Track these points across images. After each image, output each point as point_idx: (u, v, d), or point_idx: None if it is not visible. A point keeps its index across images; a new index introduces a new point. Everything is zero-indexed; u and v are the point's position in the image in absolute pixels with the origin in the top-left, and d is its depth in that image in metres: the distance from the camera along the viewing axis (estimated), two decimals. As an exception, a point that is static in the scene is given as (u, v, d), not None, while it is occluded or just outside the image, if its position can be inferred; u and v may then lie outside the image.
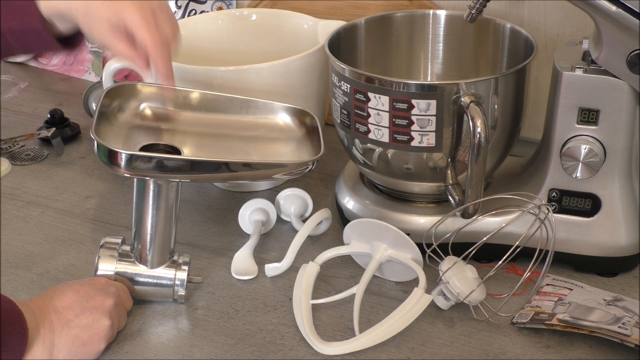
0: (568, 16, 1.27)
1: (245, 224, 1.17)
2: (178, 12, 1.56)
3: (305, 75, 1.21)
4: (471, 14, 1.07)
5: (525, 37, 1.12)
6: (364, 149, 1.08)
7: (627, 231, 1.05)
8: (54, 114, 1.44)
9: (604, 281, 1.06)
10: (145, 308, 1.04)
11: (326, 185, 1.28)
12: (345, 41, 1.17)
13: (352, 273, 1.09)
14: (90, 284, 0.98)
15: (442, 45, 1.23)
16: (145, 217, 1.00)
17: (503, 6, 1.30)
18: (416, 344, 0.97)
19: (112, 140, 1.02)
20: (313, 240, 1.16)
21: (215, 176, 1.07)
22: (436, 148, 1.03)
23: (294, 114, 1.12)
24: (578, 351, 0.95)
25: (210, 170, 0.98)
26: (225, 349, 0.97)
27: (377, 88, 1.02)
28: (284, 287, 1.07)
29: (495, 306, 1.00)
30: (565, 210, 1.06)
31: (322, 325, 1.00)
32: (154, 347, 0.98)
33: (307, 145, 1.10)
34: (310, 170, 1.04)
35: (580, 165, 1.03)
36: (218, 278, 1.09)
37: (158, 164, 0.95)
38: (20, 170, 1.36)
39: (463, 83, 1.00)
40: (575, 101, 1.01)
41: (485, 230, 1.04)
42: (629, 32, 0.95)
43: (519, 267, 1.07)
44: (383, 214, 1.10)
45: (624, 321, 0.94)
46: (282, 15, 1.37)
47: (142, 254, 1.02)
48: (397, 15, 1.22)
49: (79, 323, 0.93)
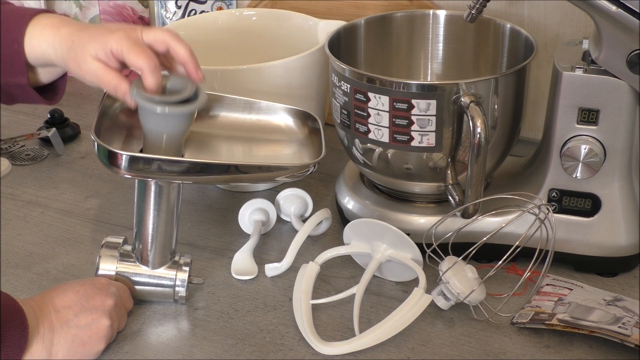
0: (568, 16, 1.27)
1: (245, 224, 1.17)
2: (178, 12, 1.56)
3: (305, 75, 1.21)
4: (471, 14, 1.07)
5: (525, 37, 1.12)
6: (364, 149, 1.08)
7: (627, 231, 1.05)
8: (54, 114, 1.44)
9: (604, 281, 1.06)
10: (145, 308, 1.04)
11: (326, 185, 1.28)
12: (345, 41, 1.17)
13: (352, 273, 1.09)
14: (90, 283, 0.98)
15: (442, 45, 1.23)
16: (146, 218, 1.00)
17: (503, 6, 1.30)
18: (416, 344, 0.97)
19: (112, 140, 1.02)
20: (313, 240, 1.16)
21: (215, 178, 1.07)
22: (436, 148, 1.04)
23: (297, 115, 1.12)
24: (578, 351, 0.95)
25: (211, 172, 0.98)
26: (225, 349, 0.97)
27: (377, 88, 1.02)
28: (284, 287, 1.07)
29: (495, 306, 1.00)
30: (565, 210, 1.06)
31: (322, 325, 1.00)
32: (154, 347, 0.98)
33: (308, 147, 1.10)
34: (312, 172, 1.04)
35: (580, 165, 1.03)
36: (218, 278, 1.09)
37: (158, 166, 0.95)
38: (20, 170, 1.36)
39: (463, 83, 1.00)
40: (575, 101, 1.01)
41: (485, 230, 1.04)
42: (629, 32, 0.95)
43: (519, 267, 1.07)
44: (383, 214, 1.10)
45: (624, 321, 0.94)
46: (282, 15, 1.37)
47: (143, 255, 1.02)
48: (397, 15, 1.22)
49: (78, 323, 0.93)
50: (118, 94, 0.95)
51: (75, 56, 0.95)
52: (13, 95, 1.02)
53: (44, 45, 0.97)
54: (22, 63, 0.97)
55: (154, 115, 0.94)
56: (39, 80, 1.02)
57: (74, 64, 0.96)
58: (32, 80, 1.00)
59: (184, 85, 0.96)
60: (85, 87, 1.65)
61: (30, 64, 0.99)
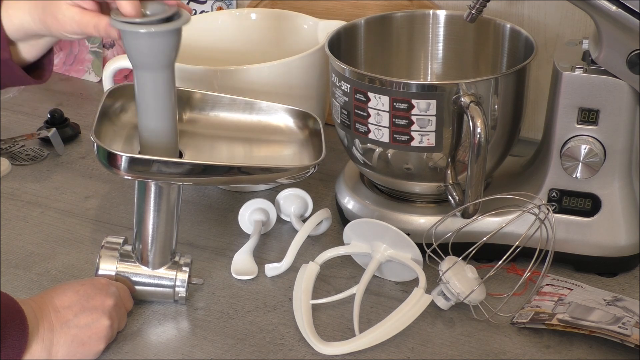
0: (568, 16, 1.27)
1: (245, 224, 1.17)
2: (178, 12, 1.56)
3: (305, 75, 1.21)
4: (471, 14, 1.07)
5: (525, 37, 1.12)
6: (364, 149, 1.08)
7: (627, 231, 1.05)
8: (54, 114, 1.44)
9: (604, 281, 1.06)
10: (145, 308, 1.04)
11: (326, 185, 1.28)
12: (345, 41, 1.17)
13: (352, 273, 1.09)
14: (90, 283, 0.98)
15: (442, 45, 1.23)
16: (146, 218, 1.00)
17: (503, 6, 1.30)
18: (416, 344, 0.97)
19: (113, 140, 1.01)
20: (313, 240, 1.16)
21: (216, 180, 1.06)
22: (436, 148, 1.04)
23: (297, 116, 1.12)
24: (578, 351, 0.95)
25: (212, 174, 0.98)
26: (225, 349, 0.98)
27: (377, 88, 1.02)
28: (284, 287, 1.07)
29: (495, 306, 1.00)
30: (565, 210, 1.06)
31: (322, 325, 1.00)
32: (154, 347, 0.98)
33: (308, 148, 1.10)
34: (312, 173, 1.04)
35: (580, 165, 1.03)
36: (218, 278, 1.09)
37: (158, 167, 0.94)
38: (20, 170, 1.36)
39: (463, 83, 1.00)
40: (575, 101, 1.01)
41: (485, 230, 1.04)
42: (629, 32, 0.95)
43: (519, 267, 1.07)
44: (383, 214, 1.10)
45: (624, 321, 0.94)
46: (282, 15, 1.37)
47: (143, 255, 1.02)
48: (397, 15, 1.22)
49: (78, 323, 0.93)
50: (100, 30, 0.93)
51: (52, 11, 0.94)
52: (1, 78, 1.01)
53: (21, 12, 0.96)
54: (2, 37, 0.97)
55: (140, 39, 0.91)
56: (22, 58, 1.01)
57: (51, 18, 0.95)
58: (15, 58, 0.99)
59: (163, 9, 0.92)
60: (86, 87, 1.65)
61: (11, 40, 0.98)
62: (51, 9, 0.94)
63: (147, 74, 0.93)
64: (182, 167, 0.96)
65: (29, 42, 1.00)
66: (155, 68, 0.93)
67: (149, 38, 0.90)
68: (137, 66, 0.93)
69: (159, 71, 0.93)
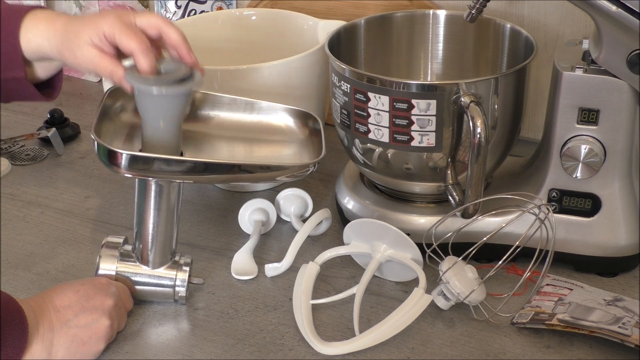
0: (568, 16, 1.27)
1: (245, 224, 1.17)
2: (178, 12, 1.56)
3: (305, 75, 1.21)
4: (471, 13, 1.07)
5: (525, 37, 1.12)
6: (364, 149, 1.08)
7: (627, 231, 1.05)
8: (54, 114, 1.44)
9: (604, 281, 1.06)
10: (145, 308, 1.04)
11: (326, 185, 1.28)
12: (345, 41, 1.17)
13: (352, 273, 1.09)
14: (90, 283, 0.98)
15: (442, 45, 1.23)
16: (146, 218, 1.00)
17: (503, 6, 1.30)
18: (416, 344, 0.97)
19: (113, 139, 1.02)
20: (313, 240, 1.16)
21: (216, 178, 1.07)
22: (436, 148, 1.04)
23: (297, 115, 1.12)
24: (578, 351, 0.95)
25: (212, 171, 0.98)
26: (225, 349, 0.97)
27: (377, 88, 1.02)
28: (284, 287, 1.07)
29: (495, 306, 1.00)
30: (565, 210, 1.06)
31: (322, 325, 1.00)
32: (154, 347, 0.98)
33: (308, 148, 1.10)
34: (312, 172, 1.04)
35: (580, 165, 1.03)
36: (218, 278, 1.09)
37: (158, 165, 0.94)
38: (20, 170, 1.36)
39: (463, 83, 1.00)
40: (575, 101, 1.01)
41: (485, 230, 1.04)
42: (629, 32, 0.95)
43: (519, 267, 1.07)
44: (383, 214, 1.10)
45: (624, 321, 0.94)
46: (282, 15, 1.37)
47: (144, 254, 1.02)
48: (397, 15, 1.22)
49: (78, 323, 0.93)
50: (114, 79, 0.95)
51: (70, 45, 0.95)
52: (10, 91, 1.01)
53: (39, 37, 0.97)
54: (19, 57, 0.97)
55: (151, 98, 0.94)
56: (35, 76, 1.02)
57: (69, 52, 0.95)
58: (29, 75, 1.00)
59: (177, 68, 0.95)
60: (85, 87, 1.65)
61: (26, 59, 0.99)
62: (70, 43, 0.95)
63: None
64: (183, 165, 0.96)
65: (42, 63, 1.01)
66: (163, 120, 0.96)
67: (159, 98, 0.94)
68: (145, 118, 0.97)
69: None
